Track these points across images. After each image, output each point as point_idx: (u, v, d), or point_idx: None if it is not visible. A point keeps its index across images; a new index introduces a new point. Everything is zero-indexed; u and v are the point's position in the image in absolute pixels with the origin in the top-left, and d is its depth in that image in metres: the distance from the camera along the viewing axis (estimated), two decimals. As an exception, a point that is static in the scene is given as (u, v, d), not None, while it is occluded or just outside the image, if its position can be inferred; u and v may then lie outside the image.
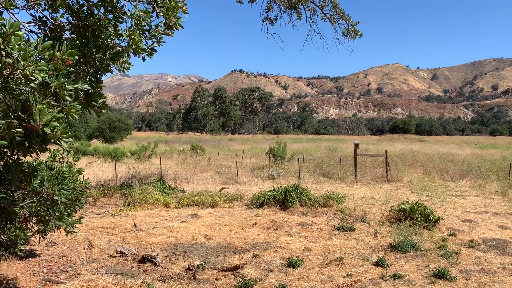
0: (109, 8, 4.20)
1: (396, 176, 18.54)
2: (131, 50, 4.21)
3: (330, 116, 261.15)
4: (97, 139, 47.61)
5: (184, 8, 4.68)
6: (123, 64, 4.90)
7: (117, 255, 7.22)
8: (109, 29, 4.23)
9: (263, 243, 8.15)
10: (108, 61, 4.48)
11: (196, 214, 10.91)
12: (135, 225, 9.49)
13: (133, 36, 4.10)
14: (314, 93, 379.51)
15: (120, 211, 11.22)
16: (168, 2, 4.34)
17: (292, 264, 6.65)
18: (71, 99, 3.57)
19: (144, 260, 6.91)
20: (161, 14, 4.37)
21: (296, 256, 7.01)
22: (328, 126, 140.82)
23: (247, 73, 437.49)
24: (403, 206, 9.54)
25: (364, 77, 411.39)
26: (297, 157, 23.94)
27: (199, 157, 27.84)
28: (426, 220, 9.06)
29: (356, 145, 19.66)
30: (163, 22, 4.52)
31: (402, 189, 15.98)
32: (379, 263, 6.67)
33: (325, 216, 10.59)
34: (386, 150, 19.86)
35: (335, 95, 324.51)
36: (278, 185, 14.48)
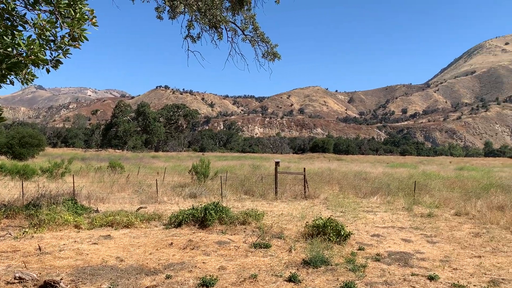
0: (6, 15, 3.93)
1: (313, 193, 19.25)
2: (30, 61, 3.97)
3: (255, 134, 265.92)
4: (5, 155, 43.70)
5: (93, 20, 4.53)
6: (26, 76, 4.60)
7: (16, 281, 6.61)
8: (6, 38, 3.95)
9: (178, 263, 7.96)
10: (4, 71, 4.17)
11: (109, 235, 10.38)
12: (40, 248, 8.78)
13: (32, 46, 3.87)
14: (240, 112, 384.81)
15: (24, 233, 10.33)
16: (73, 13, 4.17)
17: (205, 283, 6.56)
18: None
19: (46, 285, 6.39)
20: (65, 25, 4.19)
21: (210, 275, 6.94)
22: (253, 144, 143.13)
23: (172, 89, 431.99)
24: (316, 222, 9.91)
25: (287, 98, 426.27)
26: (220, 175, 23.92)
27: (118, 175, 26.68)
28: (338, 235, 9.49)
29: (277, 163, 20.15)
30: (68, 33, 4.34)
31: (319, 205, 16.61)
32: (291, 279, 6.83)
33: (243, 234, 10.64)
34: (304, 168, 20.59)
35: (260, 114, 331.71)
36: (199, 203, 14.30)
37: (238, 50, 13.12)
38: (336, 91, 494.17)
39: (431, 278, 7.16)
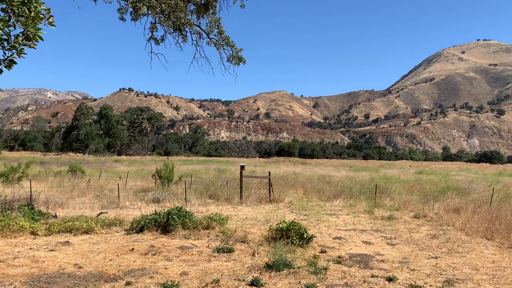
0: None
1: (278, 196, 19.39)
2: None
3: (222, 138, 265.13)
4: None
5: (50, 19, 4.39)
6: (-24, 76, 4.39)
7: (-37, 293, 6.27)
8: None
9: (139, 269, 7.80)
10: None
11: (68, 241, 10.03)
12: (-9, 257, 8.36)
13: (-20, 45, 3.70)
14: (206, 116, 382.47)
15: (-26, 241, 9.81)
16: (27, 12, 4.03)
17: (167, 289, 6.45)
18: None
19: (-3, 296, 6.10)
20: (19, 24, 4.04)
21: (171, 281, 6.84)
22: (220, 148, 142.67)
23: (136, 92, 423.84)
24: (280, 225, 9.98)
25: (254, 102, 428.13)
26: (185, 179, 23.66)
27: (78, 180, 25.87)
28: (301, 239, 9.59)
29: (242, 167, 20.17)
30: (22, 32, 4.18)
31: (283, 209, 16.74)
32: (253, 283, 6.83)
33: (207, 239, 10.56)
34: (269, 172, 20.70)
35: (227, 118, 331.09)
36: (163, 208, 14.10)
37: (203, 53, 13.08)
38: (302, 96, 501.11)
39: (389, 279, 7.36)
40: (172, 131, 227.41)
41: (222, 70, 13.60)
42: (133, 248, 9.36)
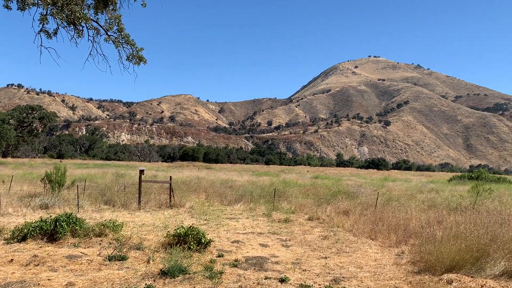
0: None
1: (179, 202, 19.06)
2: None
3: (122, 141, 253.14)
4: None
5: None
6: None
7: None
8: None
9: (18, 282, 7.07)
10: None
11: None
12: None
13: None
14: (106, 117, 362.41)
15: None
16: None
17: (48, 303, 5.93)
18: None
19: None
20: None
21: (55, 294, 6.31)
22: (119, 151, 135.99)
23: (27, 89, 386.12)
24: (178, 231, 9.81)
25: (158, 104, 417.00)
26: (78, 183, 22.09)
27: (-51, 184, 22.71)
28: (199, 244, 9.52)
29: (141, 172, 19.47)
30: None
31: (183, 214, 16.50)
32: (146, 291, 6.60)
33: (99, 246, 9.96)
34: (170, 177, 20.30)
35: (128, 120, 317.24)
36: (52, 214, 12.98)
37: (100, 50, 12.39)
38: (208, 100, 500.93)
39: (282, 280, 7.64)
40: (67, 132, 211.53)
41: (122, 69, 13.01)
42: (12, 259, 8.46)
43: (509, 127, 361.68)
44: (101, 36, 12.74)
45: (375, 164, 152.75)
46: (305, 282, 7.63)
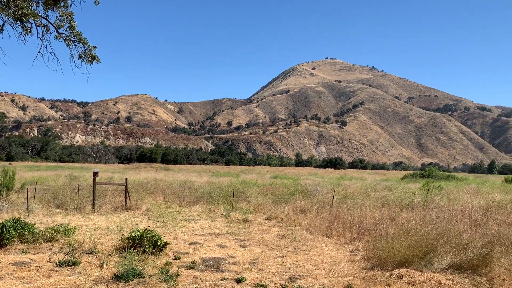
0: None
1: (135, 204, 18.65)
2: None
3: (77, 142, 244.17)
4: None
5: None
6: None
7: None
8: None
9: (-42, 293, 6.68)
10: None
11: None
12: None
13: None
14: (59, 117, 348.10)
15: None
16: None
17: (-8, 314, 5.64)
18: None
19: None
20: None
21: (-1, 304, 6.01)
22: (73, 153, 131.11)
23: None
24: (133, 234, 9.60)
25: (114, 104, 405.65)
26: (28, 187, 21.12)
27: None
28: (154, 247, 9.37)
29: (95, 174, 18.88)
30: None
31: (140, 216, 16.16)
32: (99, 297, 6.42)
33: (49, 252, 9.57)
34: (126, 179, 19.84)
35: (83, 121, 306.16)
36: (-3, 220, 12.33)
37: (50, 48, 11.93)
38: (166, 100, 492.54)
39: (238, 281, 7.67)
40: (17, 134, 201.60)
41: (74, 68, 12.58)
42: (-48, 270, 7.96)
43: (457, 127, 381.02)
44: (51, 33, 12.28)
45: (333, 163, 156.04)
46: (261, 282, 7.69)
